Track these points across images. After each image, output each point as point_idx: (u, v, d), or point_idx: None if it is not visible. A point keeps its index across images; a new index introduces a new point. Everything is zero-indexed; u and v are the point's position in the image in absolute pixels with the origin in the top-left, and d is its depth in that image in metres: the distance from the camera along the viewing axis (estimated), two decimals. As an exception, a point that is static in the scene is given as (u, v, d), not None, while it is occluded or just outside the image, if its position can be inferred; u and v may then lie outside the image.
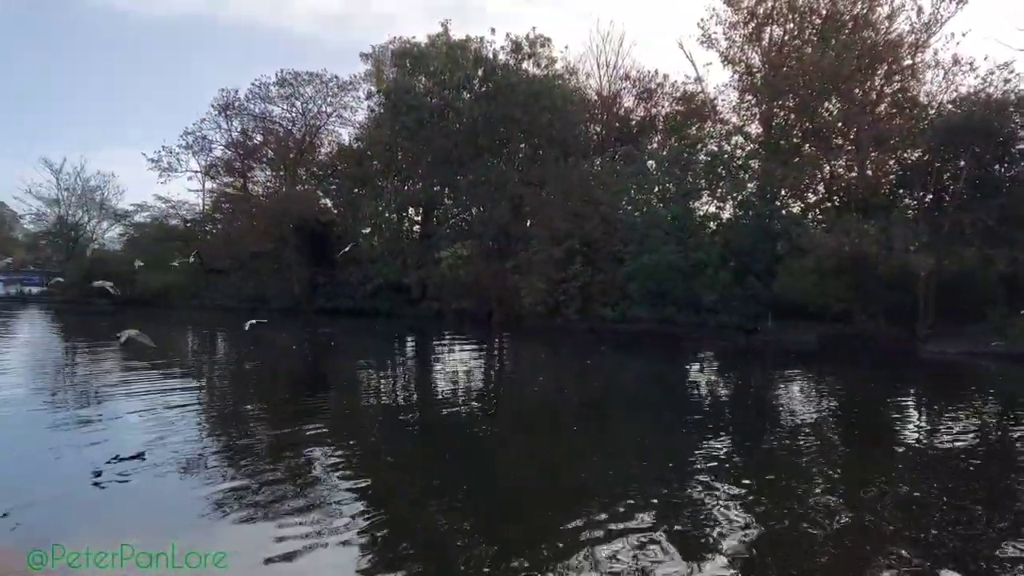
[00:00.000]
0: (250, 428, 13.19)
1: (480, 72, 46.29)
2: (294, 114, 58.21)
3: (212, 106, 57.67)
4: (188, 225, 59.38)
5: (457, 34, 49.36)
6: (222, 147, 59.58)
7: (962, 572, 6.91)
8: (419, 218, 52.73)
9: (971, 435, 13.53)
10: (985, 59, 38.30)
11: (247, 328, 23.83)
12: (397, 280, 46.29)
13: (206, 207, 60.93)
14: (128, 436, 11.53)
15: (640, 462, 11.46)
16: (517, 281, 39.33)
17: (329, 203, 54.67)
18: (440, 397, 18.04)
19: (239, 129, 58.70)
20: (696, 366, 25.41)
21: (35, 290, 62.12)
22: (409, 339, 35.43)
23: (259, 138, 59.39)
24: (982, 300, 29.53)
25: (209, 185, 61.06)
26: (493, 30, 51.53)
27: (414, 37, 50.92)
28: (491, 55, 46.86)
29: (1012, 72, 32.90)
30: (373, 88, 54.90)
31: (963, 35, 34.97)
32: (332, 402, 16.91)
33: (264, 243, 50.77)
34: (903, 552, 7.42)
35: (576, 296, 37.95)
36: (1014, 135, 30.66)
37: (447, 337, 35.03)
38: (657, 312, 35.01)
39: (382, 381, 21.09)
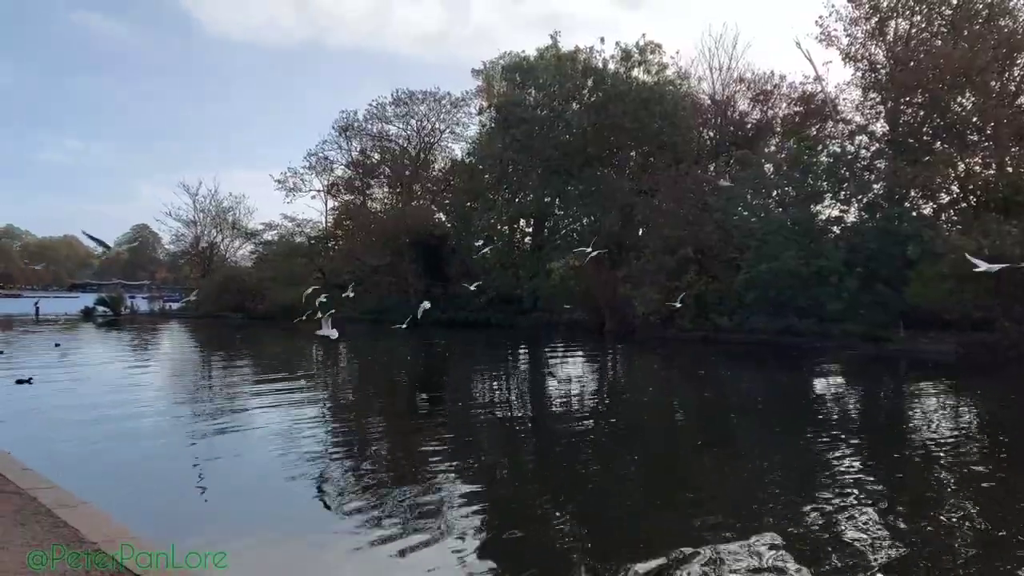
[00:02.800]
0: (368, 433, 13.86)
1: (590, 82, 46.41)
2: (409, 132, 60.36)
3: (333, 127, 60.62)
4: (312, 242, 62.32)
5: (566, 45, 49.70)
6: (343, 166, 62.55)
7: None
8: (530, 229, 53.22)
9: None
10: None
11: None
12: (509, 291, 46.83)
13: (328, 224, 63.81)
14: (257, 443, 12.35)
15: (760, 477, 11.10)
16: (629, 291, 38.95)
17: (443, 217, 56.08)
18: (554, 407, 18.19)
19: (358, 149, 61.46)
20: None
21: (175, 305, 66.85)
22: (522, 349, 35.81)
23: (377, 156, 61.89)
24: None
25: (331, 203, 63.95)
26: (602, 39, 51.28)
27: (523, 51, 51.73)
28: (600, 64, 46.89)
29: None
30: (484, 103, 56.05)
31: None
32: (447, 409, 17.40)
33: (382, 258, 52.65)
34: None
35: (690, 306, 37.14)
36: None
37: (559, 347, 35.16)
38: (777, 321, 33.75)
39: (495, 390, 21.45)
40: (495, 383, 23.06)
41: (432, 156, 62.31)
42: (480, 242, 50.27)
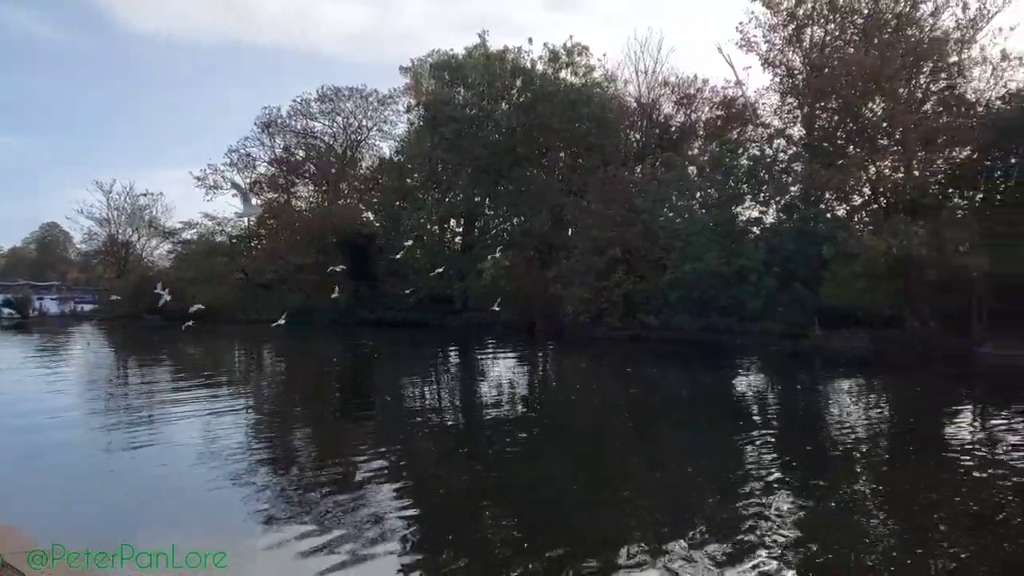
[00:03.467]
0: (294, 438, 13.67)
1: (518, 82, 46.65)
2: (335, 129, 59.43)
3: (255, 124, 59.10)
4: (234, 241, 60.69)
5: (494, 45, 49.80)
6: (265, 164, 61.06)
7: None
8: (460, 229, 53.15)
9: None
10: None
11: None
12: (440, 291, 46.69)
13: (251, 223, 62.21)
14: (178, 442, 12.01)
15: (685, 471, 11.60)
16: (559, 291, 39.36)
17: (371, 216, 55.45)
18: (483, 405, 18.24)
19: (282, 146, 60.16)
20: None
21: (87, 307, 64.01)
22: (452, 350, 35.75)
23: (301, 154, 60.73)
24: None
25: (253, 202, 62.19)
26: (530, 40, 51.98)
27: (452, 50, 51.49)
28: (529, 65, 47.16)
29: (1066, 66, 32.01)
30: (412, 101, 55.68)
31: (1011, 29, 34.04)
32: (376, 411, 17.28)
33: (308, 257, 51.70)
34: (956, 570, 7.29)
35: (619, 305, 37.82)
36: (1068, 130, 29.72)
37: (490, 347, 35.25)
38: (700, 320, 34.70)
39: (426, 391, 21.39)
40: (425, 384, 22.97)
41: (359, 154, 61.56)
42: (410, 242, 50.06)
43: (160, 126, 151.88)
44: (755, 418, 16.89)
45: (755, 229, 38.10)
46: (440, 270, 41.45)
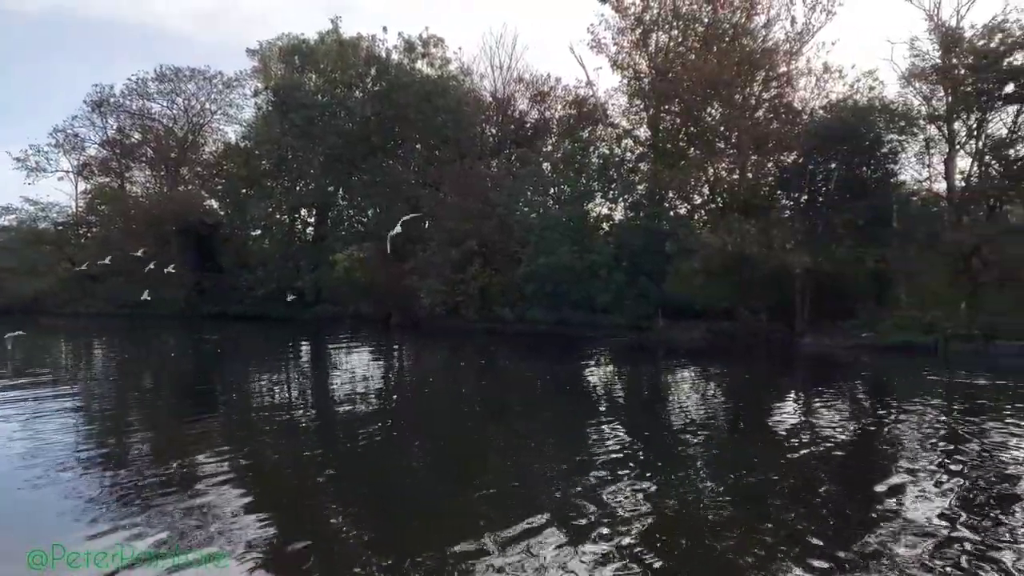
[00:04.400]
0: (127, 437, 12.77)
1: (373, 71, 45.79)
2: (175, 111, 55.92)
3: (85, 102, 54.51)
4: (59, 228, 55.82)
5: (348, 32, 48.59)
6: (96, 145, 56.51)
7: (828, 559, 7.43)
8: (312, 220, 51.61)
9: (845, 423, 14.57)
10: (853, 67, 41.17)
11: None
12: (290, 284, 45.17)
13: (79, 209, 57.46)
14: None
15: (537, 458, 11.92)
16: (415, 283, 39.14)
17: (215, 204, 52.71)
18: (335, 401, 17.72)
19: (115, 127, 55.91)
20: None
21: None
22: (303, 344, 34.67)
23: (137, 136, 56.68)
24: (854, 296, 31.71)
25: (82, 186, 57.65)
26: (385, 28, 51.45)
27: (303, 33, 49.73)
28: (383, 54, 46.40)
29: (876, 80, 35.55)
30: (260, 85, 53.36)
31: (833, 44, 37.36)
32: (219, 409, 16.43)
33: (145, 246, 48.36)
34: (780, 542, 7.93)
35: (475, 298, 38.14)
36: (879, 139, 32.88)
37: (343, 341, 34.51)
38: (554, 313, 35.68)
39: (274, 387, 20.57)
40: (272, 381, 22.06)
41: (202, 138, 58.19)
42: (257, 232, 48.03)
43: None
44: (602, 406, 17.63)
45: (605, 226, 39.58)
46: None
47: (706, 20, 39.23)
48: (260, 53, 55.16)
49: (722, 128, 38.01)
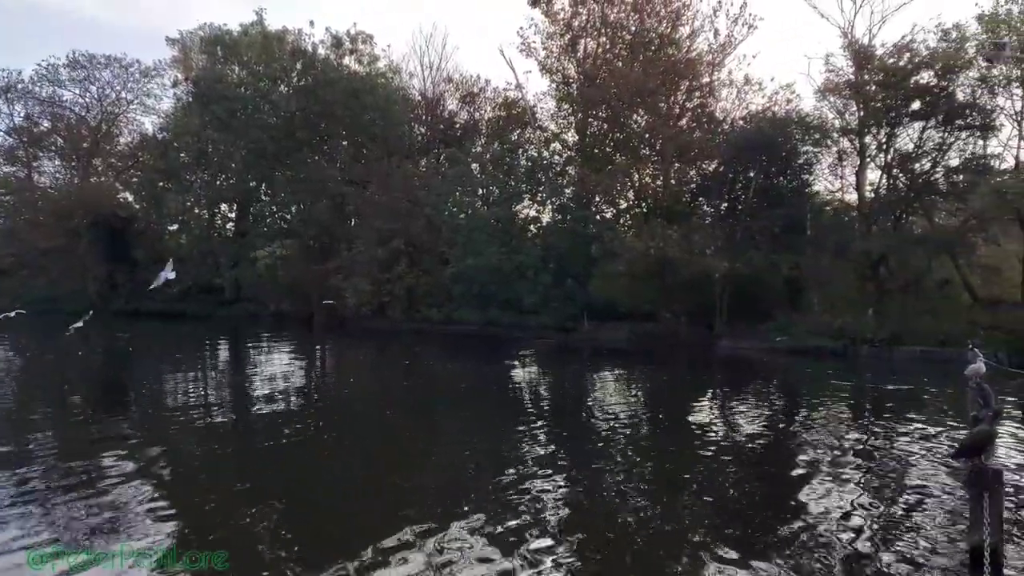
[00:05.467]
0: (28, 437, 12.20)
1: (298, 65, 44.90)
2: (88, 100, 53.41)
3: (-10, 88, 51.52)
4: (-41, 219, 52.74)
5: (274, 24, 47.51)
6: (2, 133, 53.48)
7: (741, 548, 7.78)
8: (233, 215, 50.25)
9: (757, 422, 15.19)
10: (772, 80, 42.74)
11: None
12: (208, 281, 43.85)
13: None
14: None
15: (461, 457, 12.00)
16: (340, 282, 38.59)
17: (130, 197, 50.76)
18: (255, 402, 17.29)
19: (22, 114, 52.97)
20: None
21: None
22: (221, 343, 33.70)
23: (47, 124, 53.89)
24: (770, 300, 32.97)
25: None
26: (312, 23, 50.33)
27: (226, 24, 48.32)
28: (310, 48, 45.59)
29: (794, 93, 37.00)
30: (180, 75, 51.61)
31: (753, 57, 38.72)
32: (132, 415, 15.79)
33: (54, 239, 46.18)
34: (696, 533, 8.25)
35: (401, 298, 37.88)
36: (795, 150, 34.29)
37: (264, 340, 33.72)
38: (481, 314, 35.75)
39: (190, 387, 19.94)
40: (189, 380, 21.36)
41: (117, 129, 55.80)
42: (175, 226, 46.48)
43: None
44: (527, 406, 17.84)
45: (533, 228, 39.90)
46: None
47: (633, 29, 39.92)
48: (180, 42, 53.40)
49: (647, 135, 38.83)
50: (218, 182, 47.88)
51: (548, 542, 7.86)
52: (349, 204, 42.86)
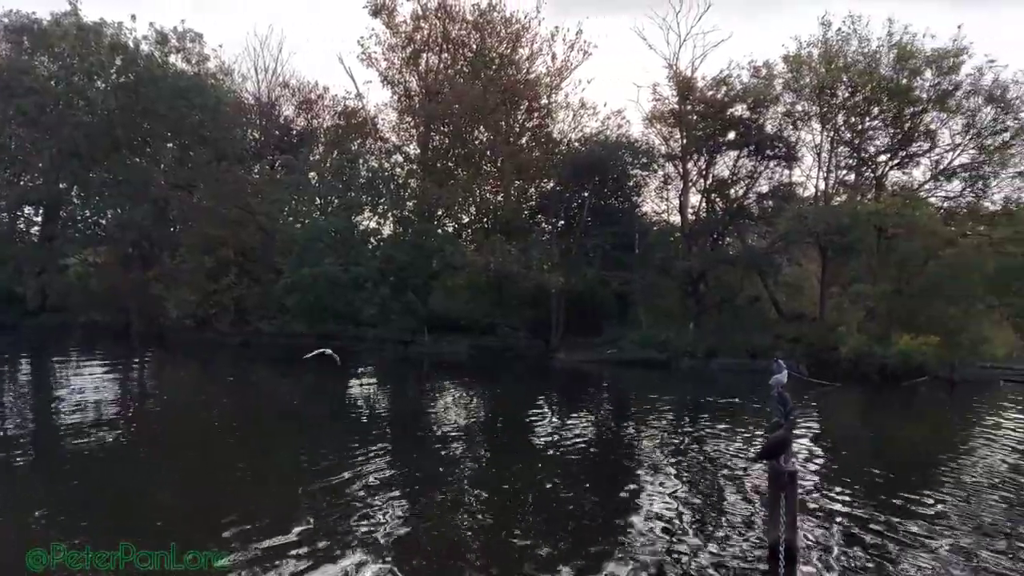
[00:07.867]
0: None
1: (118, 60, 41.73)
2: None
3: None
4: None
5: (90, 16, 43.82)
6: None
7: (575, 557, 8.05)
8: (39, 218, 45.71)
9: (589, 433, 15.84)
10: (605, 105, 44.94)
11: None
12: (9, 288, 39.61)
13: None
14: None
15: (295, 479, 11.45)
16: (161, 291, 36.10)
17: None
18: (67, 425, 15.57)
19: None
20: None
21: None
22: (22, 358, 30.38)
23: None
24: (601, 314, 34.46)
25: None
26: (134, 17, 46.69)
27: (35, 13, 43.93)
28: (131, 44, 42.49)
29: (624, 119, 38.97)
30: (-22, 65, 46.34)
31: (588, 82, 40.45)
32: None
33: None
34: (531, 545, 8.43)
35: (229, 309, 36.01)
36: (625, 173, 36.20)
37: (73, 354, 30.86)
38: (316, 326, 34.59)
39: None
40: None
41: None
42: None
43: None
44: (364, 420, 17.57)
45: (373, 240, 39.25)
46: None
47: (474, 47, 40.48)
48: (-20, 29, 47.93)
49: (488, 152, 39.51)
50: (22, 182, 43.48)
51: (379, 558, 7.73)
52: (173, 209, 40.28)
